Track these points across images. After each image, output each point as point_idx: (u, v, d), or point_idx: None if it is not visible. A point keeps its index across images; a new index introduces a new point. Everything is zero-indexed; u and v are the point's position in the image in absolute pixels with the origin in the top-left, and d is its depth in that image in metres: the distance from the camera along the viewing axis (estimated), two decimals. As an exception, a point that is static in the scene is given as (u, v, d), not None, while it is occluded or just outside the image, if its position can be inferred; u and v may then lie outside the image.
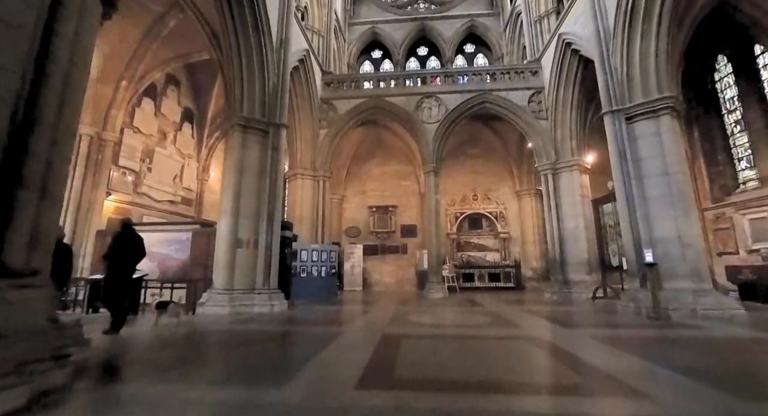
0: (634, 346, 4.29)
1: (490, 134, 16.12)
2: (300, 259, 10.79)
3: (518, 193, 16.44)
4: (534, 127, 12.32)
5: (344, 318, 6.78)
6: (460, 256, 16.07)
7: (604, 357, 3.71)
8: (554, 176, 11.85)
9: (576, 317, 6.97)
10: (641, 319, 6.49)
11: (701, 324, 5.84)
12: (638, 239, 7.31)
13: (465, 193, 16.64)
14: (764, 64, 10.35)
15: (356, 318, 6.97)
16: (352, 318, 6.82)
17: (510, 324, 6.03)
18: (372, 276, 16.35)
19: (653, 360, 3.51)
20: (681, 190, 7.09)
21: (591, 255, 10.99)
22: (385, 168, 17.35)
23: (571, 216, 11.37)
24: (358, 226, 16.87)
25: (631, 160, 7.64)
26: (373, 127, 15.90)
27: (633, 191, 7.51)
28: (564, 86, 11.59)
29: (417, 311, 7.92)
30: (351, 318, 6.81)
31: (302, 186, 12.38)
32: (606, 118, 8.12)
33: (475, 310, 8.06)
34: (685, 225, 6.96)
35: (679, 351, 4.07)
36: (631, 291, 7.22)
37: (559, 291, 10.97)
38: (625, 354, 3.79)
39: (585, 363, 3.47)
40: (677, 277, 6.87)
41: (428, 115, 12.83)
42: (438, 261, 11.87)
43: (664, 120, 7.44)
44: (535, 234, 15.84)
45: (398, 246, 16.53)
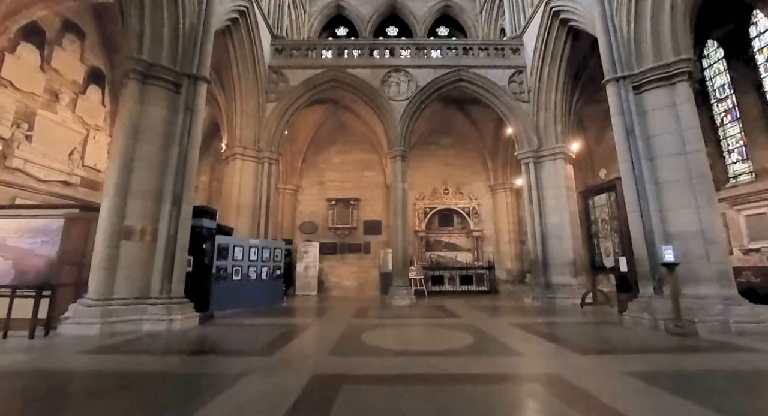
0: (707, 391, 2.66)
1: (464, 122, 14.63)
2: (232, 258, 8.57)
3: (492, 187, 15.07)
4: (514, 110, 10.89)
5: (270, 340, 4.76)
6: (429, 256, 14.41)
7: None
8: (536, 165, 10.46)
9: (581, 334, 5.37)
10: (663, 336, 5.00)
11: (747, 343, 4.40)
12: (651, 234, 5.88)
13: (435, 187, 15.03)
14: (760, 47, 9.52)
15: (290, 338, 4.97)
16: (283, 340, 4.81)
17: (502, 349, 4.29)
18: (329, 279, 14.29)
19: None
20: (702, 173, 5.73)
21: (577, 255, 9.65)
22: (347, 156, 15.38)
23: (554, 211, 9.99)
24: (314, 221, 14.75)
25: (640, 137, 6.23)
26: (334, 108, 13.91)
27: (643, 175, 6.09)
28: (549, 63, 10.23)
29: (375, 326, 6.03)
30: (280, 340, 4.79)
31: (242, 169, 10.13)
32: (609, 88, 6.70)
33: (449, 324, 6.29)
34: (709, 216, 5.60)
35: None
36: (643, 299, 5.77)
37: (541, 296, 9.52)
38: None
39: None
40: (700, 281, 5.48)
41: (396, 92, 11.04)
42: (404, 261, 10.08)
43: (680, 88, 6.09)
44: (510, 233, 14.52)
45: (360, 244, 14.59)
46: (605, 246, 8.23)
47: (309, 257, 13.63)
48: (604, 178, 8.32)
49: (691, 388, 2.78)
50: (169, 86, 6.20)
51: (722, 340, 4.64)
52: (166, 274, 5.57)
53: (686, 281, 5.44)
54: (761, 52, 9.48)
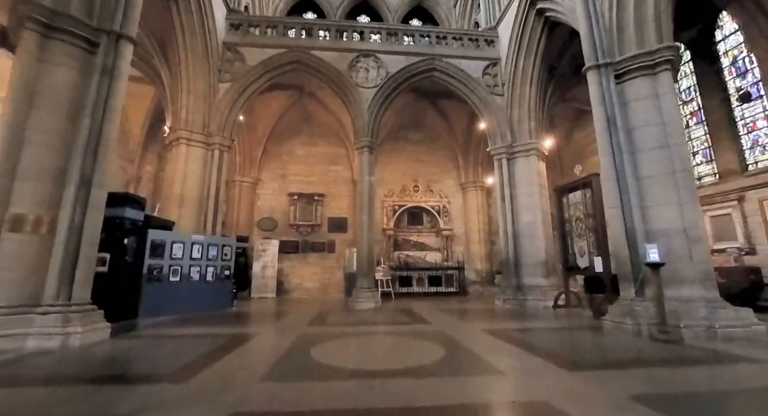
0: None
1: (435, 117, 14.08)
2: (170, 256, 7.40)
3: (463, 185, 14.63)
4: (488, 104, 10.42)
5: (195, 358, 3.78)
6: (397, 256, 13.71)
7: None
8: (509, 162, 10.03)
9: (562, 343, 4.82)
10: (649, 343, 4.54)
11: (740, 351, 4.00)
12: (632, 232, 5.47)
13: (405, 183, 14.37)
14: (724, 51, 9.62)
15: (222, 354, 4.00)
16: (212, 357, 3.84)
17: (478, 365, 3.59)
18: (290, 280, 13.22)
19: None
20: (685, 168, 5.39)
21: (549, 256, 9.29)
22: (312, 149, 14.36)
23: (527, 209, 9.59)
24: (274, 218, 13.61)
25: (621, 128, 5.83)
26: (298, 96, 12.88)
27: (625, 169, 5.67)
28: (525, 56, 9.84)
29: (332, 335, 5.18)
30: (209, 357, 3.82)
31: (188, 155, 8.90)
32: (590, 75, 6.26)
33: (417, 332, 5.56)
34: (692, 213, 5.25)
35: None
36: (624, 303, 5.34)
37: (512, 299, 9.07)
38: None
39: None
40: (683, 283, 5.10)
41: (364, 78, 10.23)
42: (369, 261, 9.28)
43: (663, 78, 5.74)
44: (481, 233, 14.13)
45: (324, 243, 13.63)
46: (579, 246, 7.87)
47: (267, 256, 12.51)
48: (579, 174, 7.99)
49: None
50: (81, 43, 5.02)
51: (712, 347, 4.23)
52: (65, 275, 4.42)
53: (669, 282, 5.04)
54: (726, 56, 9.60)
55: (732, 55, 9.49)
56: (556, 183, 13.00)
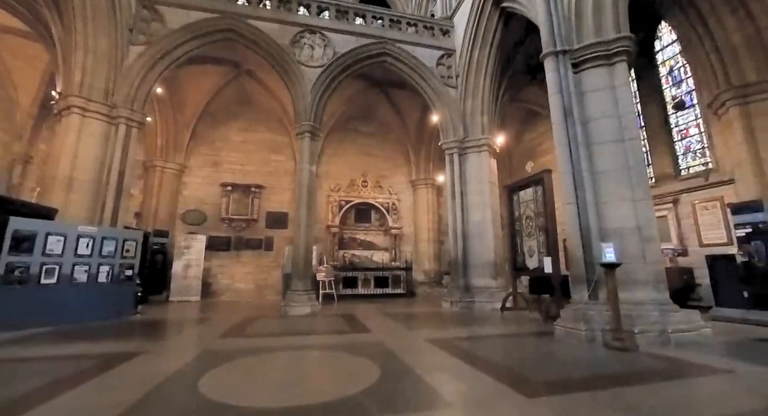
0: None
1: (388, 109, 13.37)
2: (43, 251, 5.79)
3: (414, 182, 14.09)
4: (442, 95, 9.89)
5: (20, 397, 2.58)
6: (342, 255, 12.77)
7: None
8: (461, 157, 9.57)
9: (514, 356, 4.22)
10: (604, 352, 4.11)
11: (699, 358, 3.67)
12: (587, 230, 5.09)
13: (353, 178, 13.47)
14: (662, 61, 10.01)
15: (75, 384, 2.82)
16: (53, 392, 2.66)
17: (419, 393, 2.80)
18: (219, 281, 11.69)
19: None
20: (639, 163, 5.13)
21: (498, 256, 8.94)
22: (251, 135, 12.93)
23: (477, 207, 9.18)
24: (203, 210, 11.99)
25: (578, 119, 5.46)
26: (235, 73, 11.43)
27: (581, 162, 5.31)
28: (480, 47, 9.43)
29: (244, 351, 4.13)
30: (45, 394, 2.63)
31: (81, 128, 7.22)
32: (547, 63, 5.85)
33: (353, 344, 4.69)
34: (646, 211, 4.99)
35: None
36: (577, 306, 4.93)
37: (460, 301, 8.57)
38: None
39: None
40: (636, 284, 4.80)
41: (309, 56, 9.17)
42: (306, 261, 8.25)
43: (619, 69, 5.46)
44: (430, 232, 13.67)
45: (261, 239, 12.28)
46: (529, 246, 7.54)
47: (191, 254, 10.92)
48: (531, 171, 7.71)
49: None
50: None
51: (668, 355, 3.88)
52: None
53: (622, 284, 4.70)
54: (663, 65, 9.99)
55: (669, 64, 9.88)
56: (505, 184, 12.95)
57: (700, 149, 8.86)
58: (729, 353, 4.03)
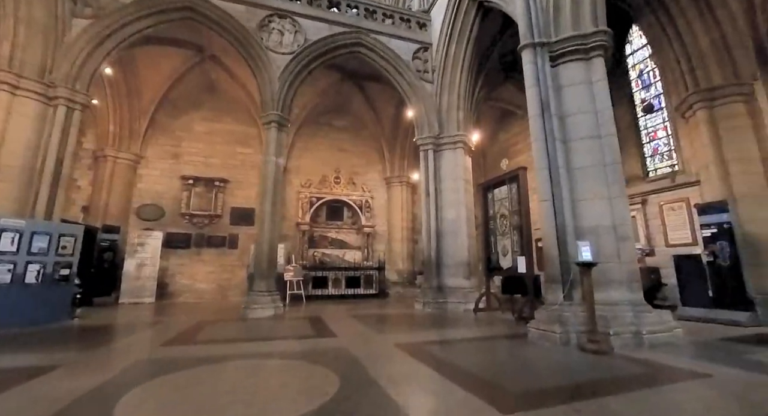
0: None
1: (362, 104, 12.96)
2: (-48, 248, 4.98)
3: (388, 179, 13.76)
4: (417, 89, 9.60)
5: None
6: (313, 254, 12.25)
7: None
8: (436, 154, 9.32)
9: (487, 362, 3.93)
10: (580, 356, 3.91)
11: (670, 360, 3.52)
12: (563, 228, 4.91)
13: (326, 174, 12.97)
14: (632, 64, 10.18)
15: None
16: None
17: (381, 404, 2.43)
18: (177, 281, 10.87)
19: None
20: (615, 161, 5.01)
21: (471, 255, 8.75)
22: (216, 126, 12.15)
23: (451, 205, 8.95)
24: (160, 205, 11.12)
25: (555, 114, 5.29)
26: (198, 58, 10.66)
27: (557, 158, 5.13)
28: (457, 41, 9.21)
29: (187, 361, 3.62)
30: None
31: (12, 108, 6.36)
32: (525, 55, 5.65)
33: (314, 351, 4.26)
34: (621, 209, 4.86)
35: None
36: (552, 307, 4.73)
37: (432, 301, 8.31)
38: None
39: None
40: (611, 284, 4.65)
41: (278, 42, 8.61)
42: (270, 259, 7.70)
43: (597, 64, 5.35)
44: (404, 230, 13.38)
45: (225, 237, 11.55)
46: (503, 245, 7.37)
47: (146, 251, 10.08)
48: (506, 169, 7.56)
49: None
50: None
51: (645, 358, 3.72)
52: None
53: (597, 284, 4.53)
54: (634, 69, 10.17)
55: (639, 68, 10.06)
56: (478, 182, 12.86)
57: (667, 151, 9.04)
58: (703, 355, 3.93)
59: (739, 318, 5.90)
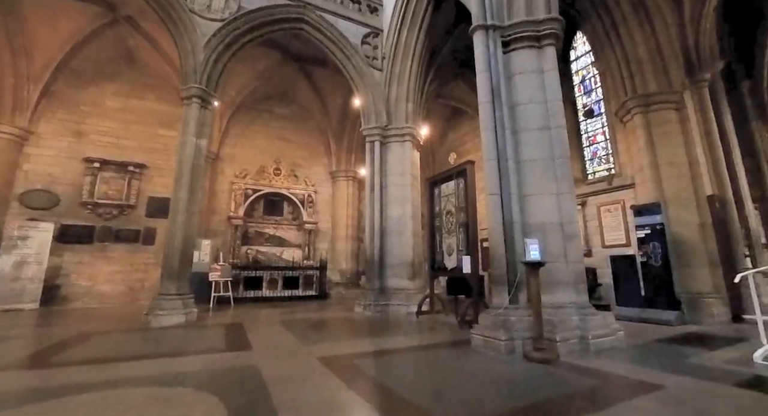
0: None
1: (308, 91, 12.04)
2: None
3: (333, 174, 12.96)
4: (365, 77, 8.94)
5: None
6: (246, 252, 11.07)
7: None
8: (383, 146, 8.74)
9: (427, 381, 3.32)
10: (527, 367, 3.48)
11: (619, 368, 3.21)
12: (510, 224, 4.52)
13: (264, 164, 11.84)
14: (576, 70, 10.45)
15: None
16: None
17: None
18: (73, 282, 9.11)
19: None
20: (564, 154, 4.72)
21: (417, 255, 8.29)
22: (134, 103, 10.50)
23: (397, 202, 8.42)
24: (54, 191, 9.26)
25: (505, 103, 4.91)
26: (109, 20, 9.05)
27: (506, 149, 4.74)
28: (409, 28, 8.71)
29: (16, 396, 2.57)
30: None
31: None
32: (476, 37, 5.22)
33: (214, 370, 3.38)
34: (569, 206, 4.59)
35: None
36: (497, 311, 4.29)
37: (374, 304, 7.68)
38: None
39: None
40: (558, 286, 4.34)
41: (205, 5, 7.45)
42: (184, 256, 6.52)
43: (548, 53, 5.06)
44: (349, 228, 12.66)
45: (138, 231, 9.97)
46: (448, 244, 6.94)
47: (29, 246, 8.29)
48: (454, 163, 7.19)
49: None
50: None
51: (593, 367, 3.39)
52: None
53: (544, 286, 4.18)
54: (577, 75, 10.45)
55: (581, 74, 10.34)
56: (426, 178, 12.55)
57: (605, 155, 9.32)
58: (648, 361, 3.70)
59: (668, 317, 6.01)
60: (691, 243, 6.61)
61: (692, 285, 6.46)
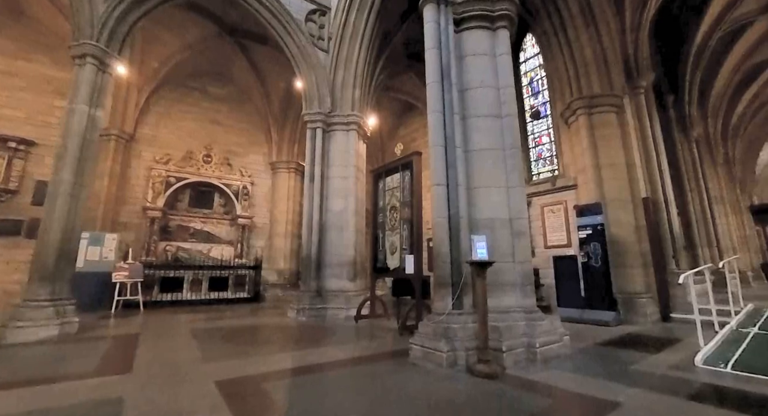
0: None
1: (247, 71, 10.86)
2: None
3: (274, 164, 11.87)
4: (309, 57, 8.10)
5: None
6: (165, 248, 9.64)
7: None
8: (326, 134, 7.97)
9: (349, 406, 2.65)
10: (469, 385, 2.96)
11: (569, 382, 2.81)
12: (456, 218, 4.02)
13: (192, 150, 10.45)
14: (525, 72, 10.51)
15: None
16: None
17: None
18: None
19: None
20: (515, 145, 4.35)
21: (358, 253, 7.64)
22: (22, 65, 8.63)
23: (339, 195, 7.71)
24: None
25: (456, 85, 4.43)
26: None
27: (455, 136, 4.26)
28: (358, 9, 8.04)
29: None
30: None
31: None
32: (426, 11, 4.69)
33: (54, 409, 2.41)
34: (519, 200, 4.21)
35: None
36: (439, 318, 3.76)
37: (309, 308, 6.89)
38: None
39: None
40: (505, 288, 3.92)
41: (111, -52, 6.14)
42: (63, 253, 5.17)
43: (501, 36, 4.68)
44: (289, 224, 11.65)
45: (21, 222, 8.16)
46: (391, 242, 6.37)
47: None
48: (400, 154, 6.65)
49: None
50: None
51: (542, 381, 2.98)
52: None
53: (490, 288, 3.73)
54: (525, 76, 10.52)
55: (530, 76, 10.40)
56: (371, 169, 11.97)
57: (549, 157, 9.40)
58: (597, 370, 3.38)
59: (607, 318, 5.97)
60: (628, 243, 6.71)
61: (628, 285, 6.54)
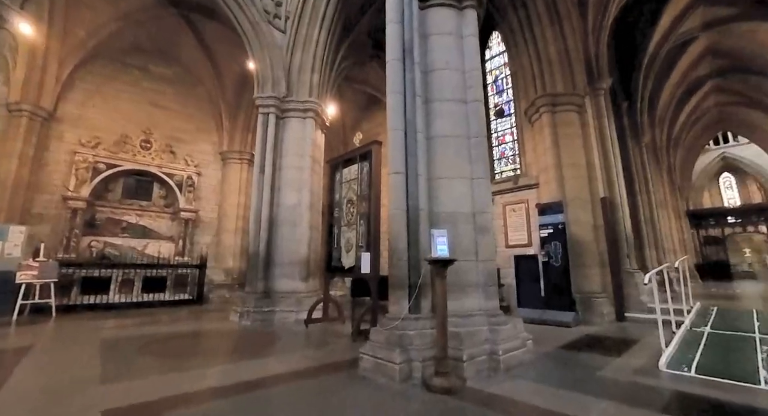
0: None
1: (197, 51, 9.85)
2: None
3: (224, 154, 10.92)
4: (263, 35, 7.37)
5: None
6: (89, 245, 8.43)
7: None
8: (279, 121, 7.30)
9: None
10: (424, 403, 2.52)
11: (534, 395, 2.46)
12: (415, 211, 3.59)
13: (128, 133, 9.29)
14: (490, 69, 10.40)
15: None
16: None
17: None
18: None
19: None
20: (480, 133, 4.00)
21: (313, 251, 7.04)
22: None
23: (293, 187, 7.07)
24: None
25: (419, 65, 4.00)
26: None
27: (416, 120, 3.82)
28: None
29: None
30: None
31: None
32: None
33: None
34: (483, 193, 3.87)
35: None
36: (393, 323, 3.30)
37: (254, 311, 6.20)
38: None
39: None
40: (466, 290, 3.54)
41: None
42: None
43: (468, 16, 4.31)
44: (240, 220, 10.74)
45: None
46: (347, 238, 5.85)
47: None
48: (359, 143, 6.15)
49: None
50: None
51: (503, 394, 2.64)
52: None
53: (451, 290, 3.33)
54: (490, 74, 10.42)
55: (495, 74, 10.31)
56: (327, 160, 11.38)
57: (512, 155, 9.32)
58: (561, 379, 3.08)
59: (567, 319, 5.84)
60: (586, 243, 6.67)
61: (586, 285, 6.49)
